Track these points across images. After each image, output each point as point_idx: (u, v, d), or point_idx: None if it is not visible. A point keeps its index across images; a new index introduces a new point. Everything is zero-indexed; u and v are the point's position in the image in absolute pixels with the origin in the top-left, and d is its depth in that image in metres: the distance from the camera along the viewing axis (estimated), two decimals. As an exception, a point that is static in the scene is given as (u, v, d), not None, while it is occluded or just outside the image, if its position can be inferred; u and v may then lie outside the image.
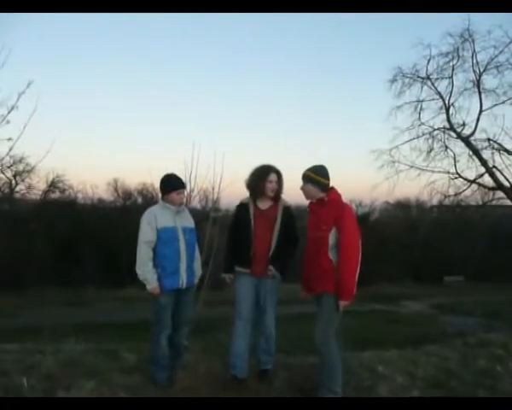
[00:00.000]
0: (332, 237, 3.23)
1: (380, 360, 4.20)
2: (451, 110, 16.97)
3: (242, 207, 3.74)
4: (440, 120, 17.41)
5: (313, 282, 3.34)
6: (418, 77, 16.84)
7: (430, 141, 17.41)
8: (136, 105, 58.85)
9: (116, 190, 31.94)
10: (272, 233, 3.60)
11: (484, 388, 3.59)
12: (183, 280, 3.48)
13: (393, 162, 18.15)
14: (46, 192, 27.46)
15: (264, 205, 3.69)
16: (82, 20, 58.36)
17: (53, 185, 27.45)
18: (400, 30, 55.77)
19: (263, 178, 3.63)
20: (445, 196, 18.01)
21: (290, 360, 4.25)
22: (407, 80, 17.07)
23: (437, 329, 13.51)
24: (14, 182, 25.51)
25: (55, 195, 28.39)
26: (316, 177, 3.34)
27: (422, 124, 17.46)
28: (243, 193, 3.82)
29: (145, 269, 3.37)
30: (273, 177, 3.64)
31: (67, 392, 3.02)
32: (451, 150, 17.34)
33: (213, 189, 8.00)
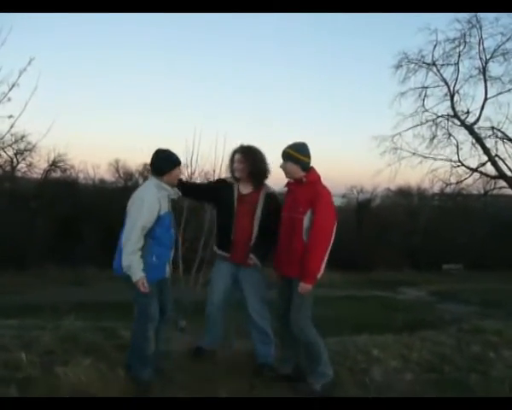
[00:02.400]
0: (307, 220, 3.12)
1: (375, 344, 4.24)
2: (456, 97, 16.91)
3: (228, 187, 3.58)
4: (444, 107, 17.36)
5: (284, 264, 3.26)
6: (424, 63, 16.76)
7: (433, 128, 17.40)
8: (139, 86, 58.59)
9: (117, 170, 31.95)
10: (253, 220, 3.47)
11: (476, 373, 3.64)
12: (168, 269, 3.29)
13: (396, 149, 18.16)
14: (47, 171, 27.47)
15: (244, 189, 3.54)
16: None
17: (54, 164, 27.45)
18: (406, 14, 54.85)
19: (231, 160, 3.57)
20: (447, 184, 18.04)
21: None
22: (412, 66, 17.00)
23: (434, 315, 13.60)
24: (15, 160, 25.54)
25: (57, 174, 28.41)
26: (296, 154, 3.21)
27: (426, 111, 17.42)
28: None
29: (134, 258, 2.99)
30: (237, 157, 3.52)
31: (65, 367, 3.07)
32: (455, 138, 17.34)
33: (214, 171, 7.99)
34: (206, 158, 7.99)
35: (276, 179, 3.64)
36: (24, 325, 4.12)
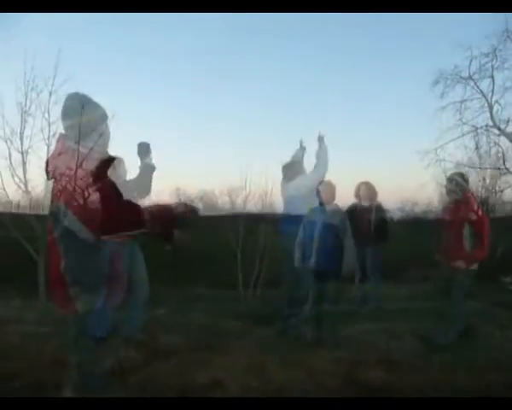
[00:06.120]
0: None
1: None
2: (496, 107, 17.08)
3: None
4: (483, 119, 17.55)
5: None
6: (460, 78, 17.13)
7: (476, 138, 17.60)
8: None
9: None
10: None
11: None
12: None
13: (439, 161, 18.54)
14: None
15: None
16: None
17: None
18: (441, 33, 53.75)
19: None
20: (495, 192, 18.12)
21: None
22: (449, 81, 17.41)
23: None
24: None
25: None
26: None
27: (464, 124, 17.67)
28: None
29: None
30: None
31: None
32: (499, 146, 17.45)
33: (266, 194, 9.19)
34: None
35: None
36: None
